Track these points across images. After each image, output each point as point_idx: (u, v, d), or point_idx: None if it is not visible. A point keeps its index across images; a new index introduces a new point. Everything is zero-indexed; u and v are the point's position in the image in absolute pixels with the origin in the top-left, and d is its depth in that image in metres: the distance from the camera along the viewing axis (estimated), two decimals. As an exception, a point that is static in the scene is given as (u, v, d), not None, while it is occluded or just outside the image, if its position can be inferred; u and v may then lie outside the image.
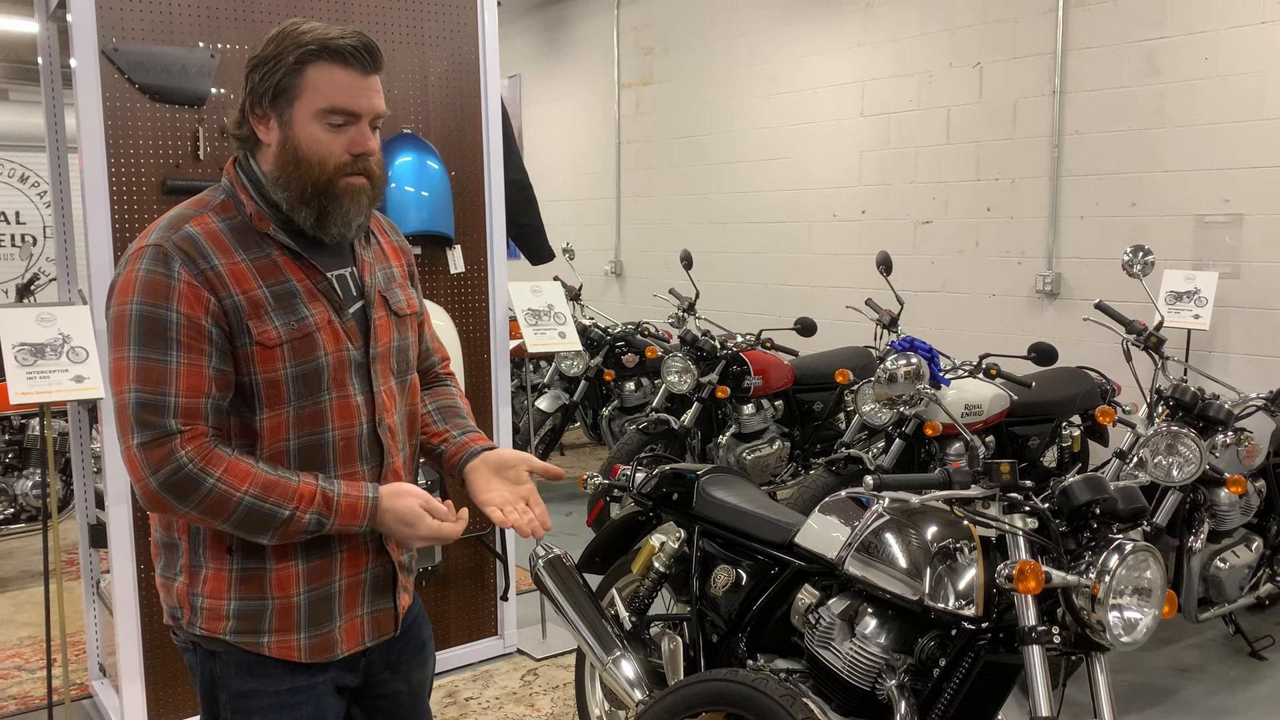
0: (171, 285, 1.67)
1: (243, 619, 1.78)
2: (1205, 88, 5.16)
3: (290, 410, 1.76)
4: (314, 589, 1.81)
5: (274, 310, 1.74)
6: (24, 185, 11.13)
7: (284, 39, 1.75)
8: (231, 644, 1.80)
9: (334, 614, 1.84)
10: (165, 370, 1.66)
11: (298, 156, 1.75)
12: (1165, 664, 4.14)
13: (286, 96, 1.74)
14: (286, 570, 1.78)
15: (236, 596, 1.78)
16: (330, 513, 1.74)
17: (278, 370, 1.74)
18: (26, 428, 5.25)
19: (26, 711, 3.88)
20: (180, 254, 1.69)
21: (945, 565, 2.34)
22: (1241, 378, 5.02)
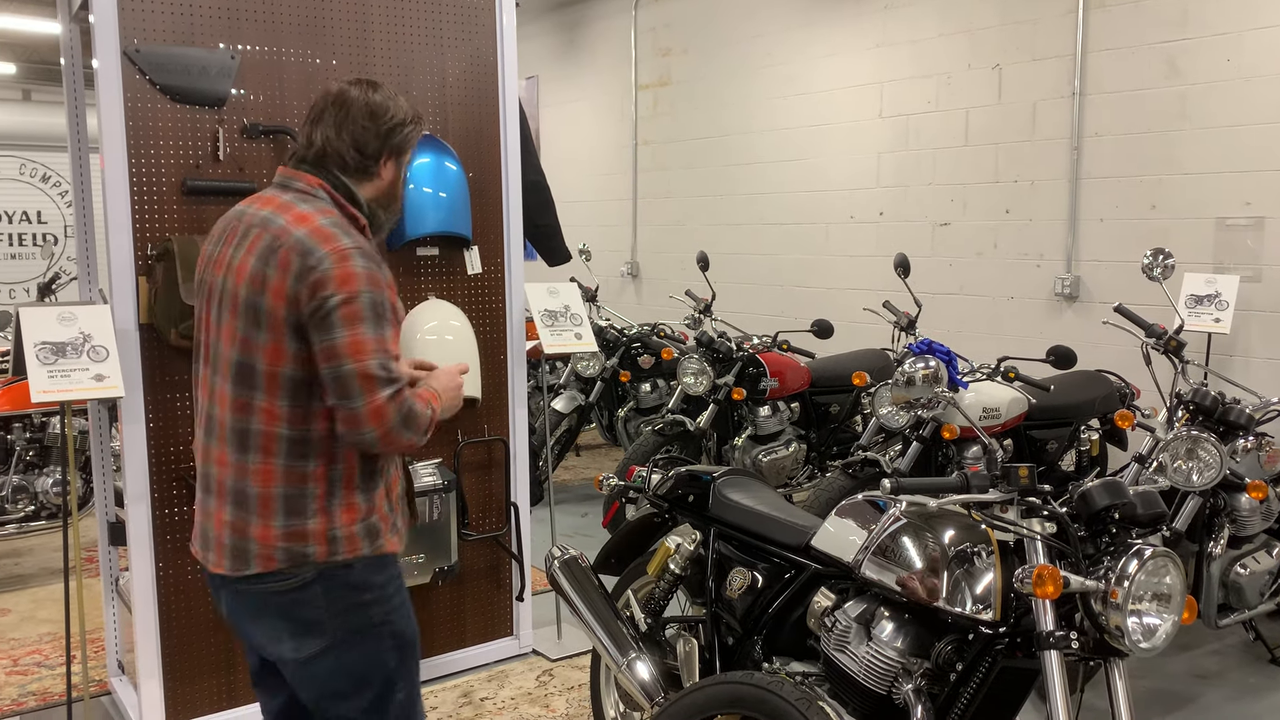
0: (383, 277, 2.16)
1: (370, 533, 2.25)
2: (1226, 89, 5.13)
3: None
4: (392, 499, 2.34)
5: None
6: (46, 185, 11.22)
7: (398, 105, 2.32)
8: (367, 555, 2.24)
9: (398, 515, 2.38)
10: (388, 342, 2.14)
11: (395, 194, 2.35)
12: (1184, 670, 4.11)
13: (403, 150, 2.33)
14: (379, 490, 2.29)
15: (362, 519, 2.24)
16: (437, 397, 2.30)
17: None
18: (47, 426, 5.29)
19: (46, 707, 3.91)
20: (373, 256, 2.17)
21: (963, 569, 2.33)
22: (1262, 382, 4.98)
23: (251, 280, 2.13)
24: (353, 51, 3.71)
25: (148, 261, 3.36)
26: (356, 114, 2.25)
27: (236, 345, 2.15)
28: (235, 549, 2.19)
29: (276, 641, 2.24)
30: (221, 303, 2.20)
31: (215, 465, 2.23)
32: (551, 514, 4.61)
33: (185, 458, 3.47)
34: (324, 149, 2.25)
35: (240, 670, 3.64)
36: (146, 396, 3.39)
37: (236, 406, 2.16)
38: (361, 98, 2.26)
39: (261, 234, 2.16)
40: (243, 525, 2.18)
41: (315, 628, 2.21)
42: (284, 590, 2.19)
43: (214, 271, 2.25)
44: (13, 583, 5.36)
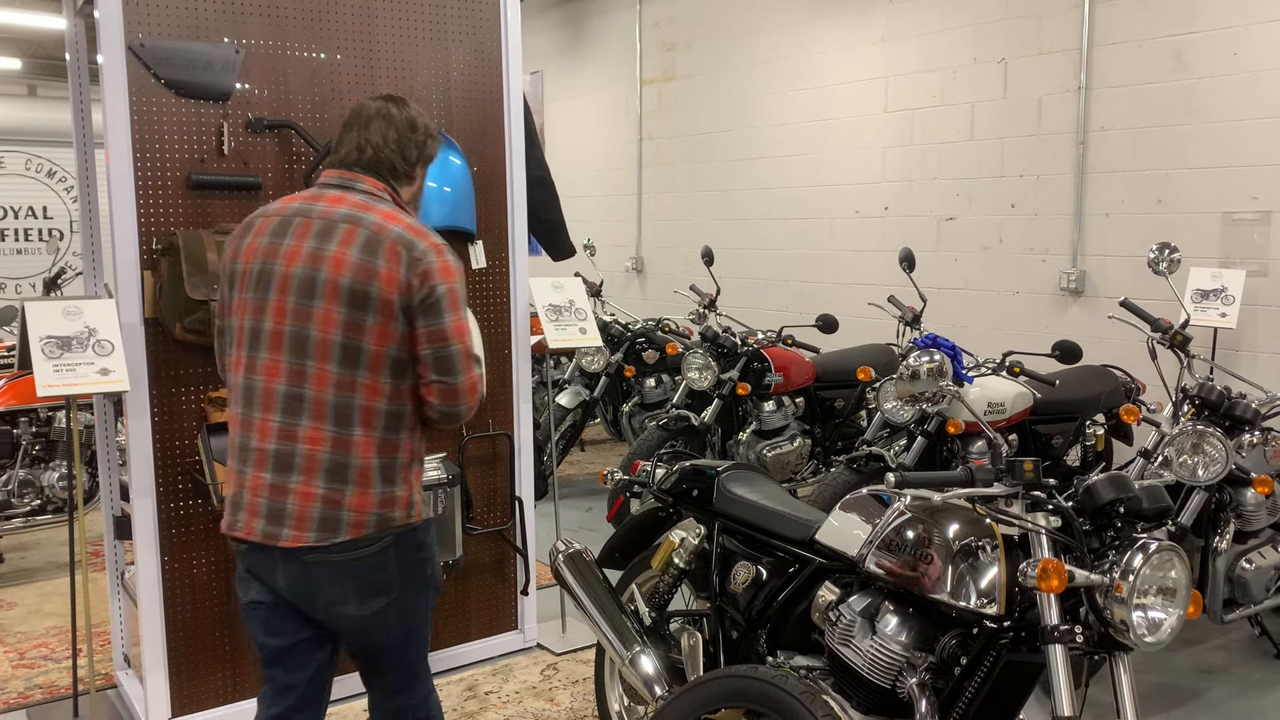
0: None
1: (425, 499, 2.59)
2: (1233, 84, 5.11)
3: None
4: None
5: None
6: (51, 180, 11.24)
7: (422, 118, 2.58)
8: (427, 517, 2.52)
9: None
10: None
11: (418, 200, 2.66)
12: (1189, 665, 4.10)
13: (428, 161, 2.61)
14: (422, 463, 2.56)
15: (423, 486, 2.54)
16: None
17: None
18: (53, 420, 5.30)
19: (52, 701, 3.92)
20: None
21: (967, 563, 2.33)
22: (1269, 377, 4.97)
23: (357, 270, 2.31)
24: (357, 46, 3.71)
25: (153, 256, 3.37)
26: (400, 125, 2.51)
27: (339, 328, 2.31)
28: (325, 519, 2.32)
29: (342, 603, 2.38)
30: (289, 288, 2.34)
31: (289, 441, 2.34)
32: (556, 508, 4.62)
33: (190, 452, 3.48)
34: (376, 155, 2.48)
35: (245, 664, 3.65)
36: (151, 391, 3.40)
37: (340, 384, 2.32)
38: (401, 112, 2.53)
39: (354, 229, 2.34)
40: (337, 496, 2.33)
41: (386, 585, 2.41)
42: (366, 555, 2.37)
43: (271, 260, 2.37)
44: (19, 577, 5.38)
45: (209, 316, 3.25)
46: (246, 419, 2.38)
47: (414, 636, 2.53)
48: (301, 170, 3.63)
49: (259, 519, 2.35)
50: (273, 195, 3.58)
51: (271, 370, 2.35)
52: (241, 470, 2.39)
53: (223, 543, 3.57)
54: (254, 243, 2.41)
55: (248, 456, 2.37)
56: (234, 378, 2.42)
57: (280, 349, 2.34)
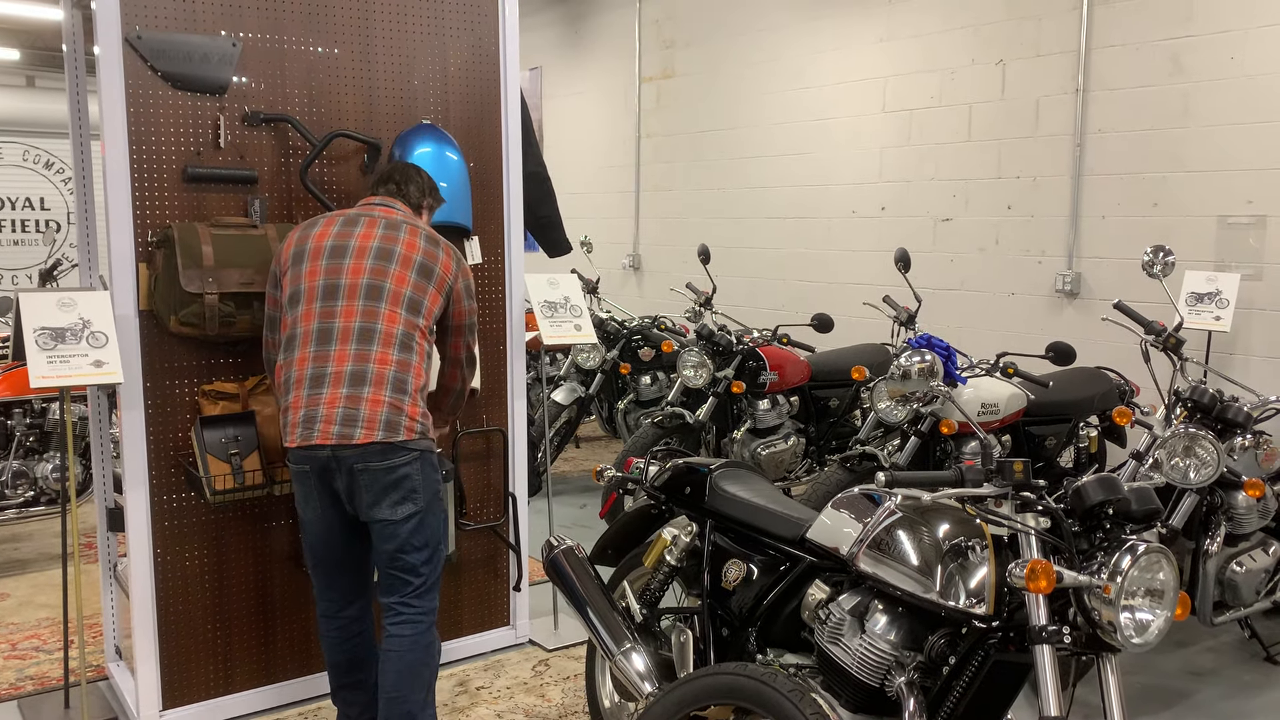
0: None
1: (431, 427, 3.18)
2: (1230, 87, 5.12)
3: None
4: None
5: None
6: (49, 171, 11.22)
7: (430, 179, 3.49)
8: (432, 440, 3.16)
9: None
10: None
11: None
12: (1179, 667, 4.11)
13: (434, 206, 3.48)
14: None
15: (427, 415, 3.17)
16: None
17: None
18: (47, 411, 5.30)
19: (44, 692, 3.92)
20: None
21: (957, 563, 2.33)
22: (1262, 380, 4.98)
23: (426, 253, 3.16)
24: (355, 40, 3.71)
25: (148, 248, 3.37)
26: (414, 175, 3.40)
27: (410, 286, 3.10)
28: (390, 421, 2.99)
29: (377, 506, 3.01)
30: (368, 254, 3.10)
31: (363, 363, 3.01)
32: (550, 505, 4.62)
33: (184, 445, 3.48)
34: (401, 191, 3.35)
35: (236, 657, 3.66)
36: (145, 383, 3.40)
37: (407, 323, 3.08)
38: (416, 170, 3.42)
39: (416, 229, 3.20)
40: (399, 403, 3.01)
41: (412, 494, 3.05)
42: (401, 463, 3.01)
43: (346, 239, 3.12)
44: (12, 568, 5.38)
45: (203, 309, 3.26)
46: (321, 353, 3.01)
47: (428, 547, 3.11)
48: (298, 164, 3.63)
49: (334, 425, 2.95)
50: (269, 189, 3.58)
51: (348, 313, 3.04)
52: (316, 392, 2.98)
53: (215, 535, 3.58)
54: (324, 230, 3.14)
55: (323, 380, 2.99)
56: (303, 327, 3.04)
57: (355, 297, 3.04)
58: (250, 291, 3.32)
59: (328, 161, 3.68)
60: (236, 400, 3.49)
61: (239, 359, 3.56)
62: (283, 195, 3.61)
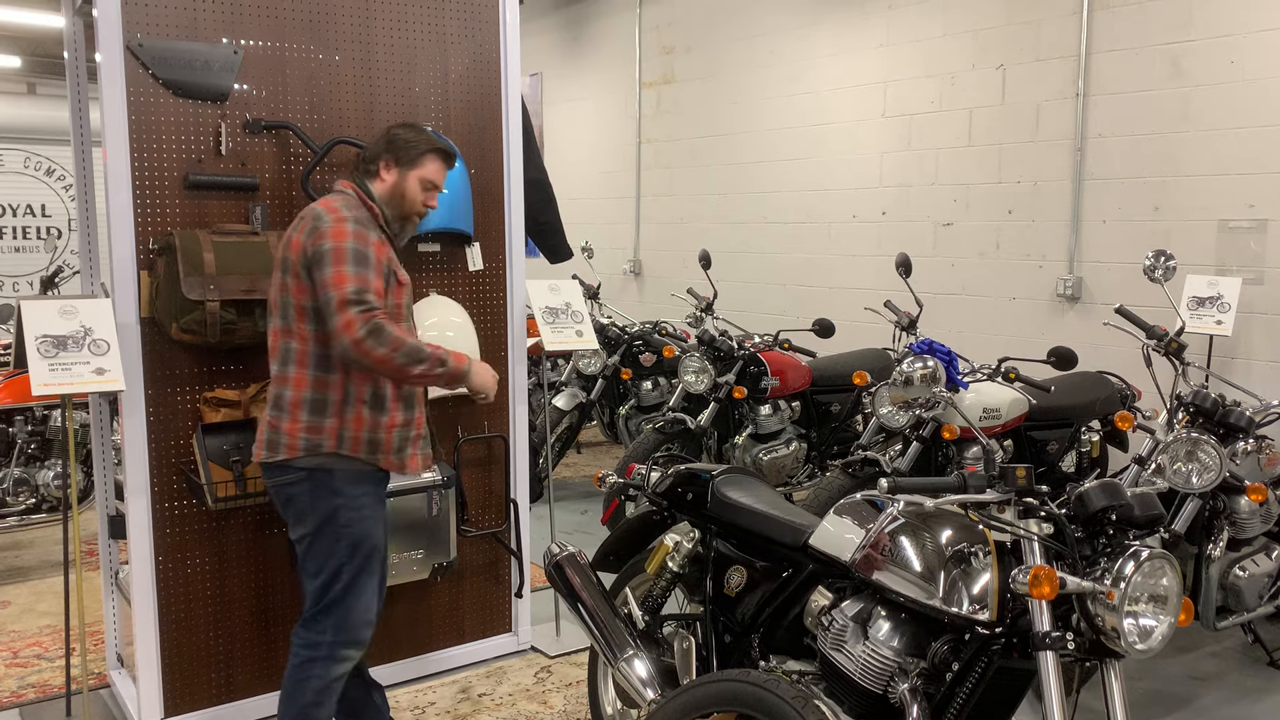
0: (370, 237, 2.89)
1: (370, 446, 2.96)
2: (1230, 92, 5.12)
3: (404, 325, 3.04)
4: (402, 432, 3.03)
5: (398, 267, 3.02)
6: (50, 179, 11.24)
7: (421, 133, 3.07)
8: (360, 458, 2.94)
9: (407, 447, 3.06)
10: (369, 279, 2.82)
11: (402, 196, 3.06)
12: (1182, 672, 4.11)
13: (409, 164, 3.04)
14: (394, 418, 3.00)
15: (368, 430, 2.95)
16: (449, 355, 2.91)
17: (402, 299, 3.04)
18: (49, 419, 5.30)
19: (45, 700, 3.91)
20: (366, 222, 2.94)
21: (960, 569, 2.33)
22: (1264, 384, 4.98)
23: (288, 241, 2.93)
24: (356, 47, 3.71)
25: (149, 256, 3.37)
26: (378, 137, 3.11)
27: (277, 289, 2.95)
28: (269, 440, 2.93)
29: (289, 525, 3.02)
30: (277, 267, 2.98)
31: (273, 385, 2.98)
32: (551, 511, 4.61)
33: (185, 452, 3.48)
34: (356, 161, 3.13)
35: (238, 664, 3.65)
36: (147, 390, 3.40)
37: (282, 333, 2.94)
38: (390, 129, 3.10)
39: (304, 218, 2.94)
40: (275, 422, 2.93)
41: (303, 516, 2.95)
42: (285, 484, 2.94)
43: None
44: (13, 575, 5.37)
45: (205, 316, 3.26)
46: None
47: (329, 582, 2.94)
48: (299, 171, 3.63)
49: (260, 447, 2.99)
50: (270, 196, 3.59)
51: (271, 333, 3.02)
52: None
53: (217, 543, 3.58)
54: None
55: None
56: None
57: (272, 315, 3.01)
58: (252, 299, 3.32)
59: (329, 168, 3.68)
60: (238, 407, 3.49)
61: (240, 366, 3.56)
62: (284, 202, 3.61)
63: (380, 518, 3.05)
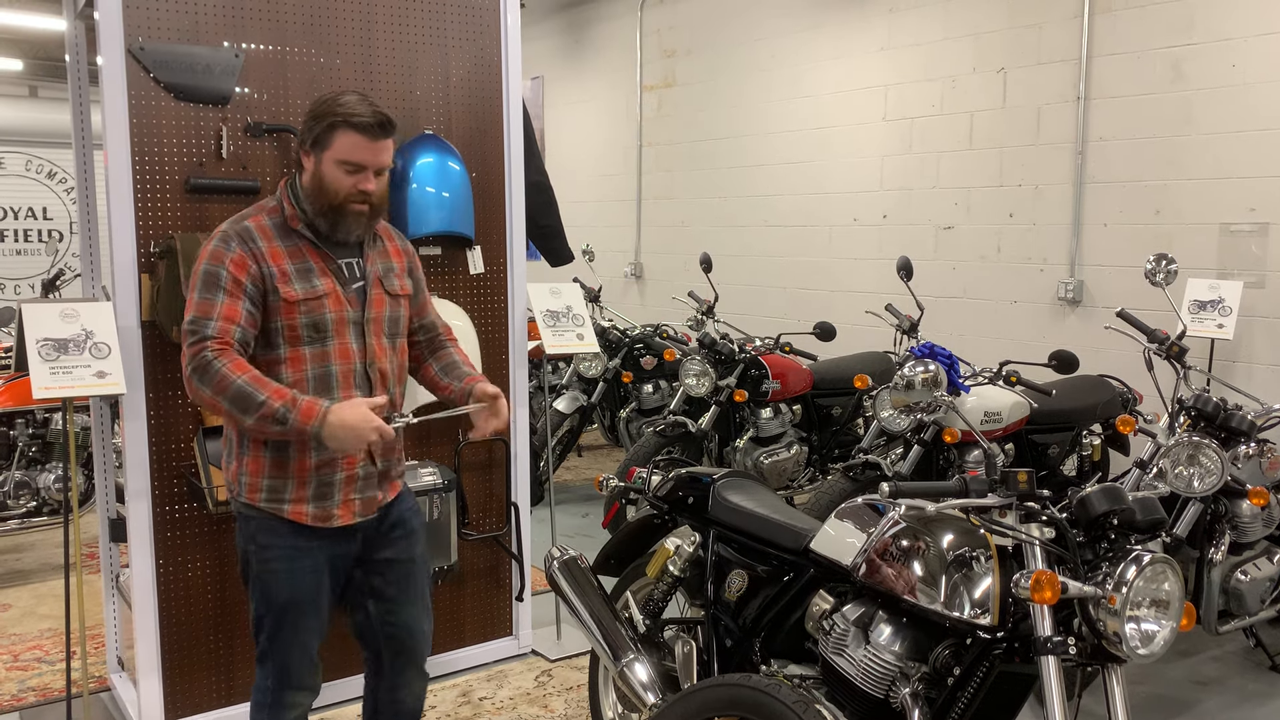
0: (227, 254, 2.51)
1: (272, 491, 2.59)
2: (1231, 95, 5.12)
3: (305, 349, 2.58)
4: (323, 475, 2.60)
5: (295, 279, 2.57)
6: (51, 181, 11.25)
7: (328, 105, 2.54)
8: (263, 509, 2.60)
9: (334, 494, 2.62)
10: (214, 305, 2.48)
11: (321, 185, 2.57)
12: (1184, 676, 4.10)
13: (320, 145, 2.55)
14: (305, 459, 2.58)
15: (268, 475, 2.58)
16: (294, 408, 2.43)
17: (295, 318, 2.56)
18: (50, 422, 5.30)
19: (46, 703, 3.91)
20: (236, 237, 2.54)
21: (961, 574, 2.33)
22: (1265, 388, 4.97)
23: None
24: (356, 50, 3.72)
25: (151, 259, 3.37)
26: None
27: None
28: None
29: None
30: None
31: None
32: (552, 514, 4.61)
33: (186, 456, 3.48)
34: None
35: (239, 668, 3.65)
36: (148, 394, 3.40)
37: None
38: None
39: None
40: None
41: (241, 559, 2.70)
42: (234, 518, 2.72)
43: None
44: (14, 578, 5.37)
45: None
46: None
47: (259, 626, 2.68)
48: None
49: None
50: (271, 199, 3.58)
51: None
52: None
53: (218, 546, 3.57)
54: None
55: None
56: None
57: None
58: (252, 302, 3.31)
59: (330, 172, 3.67)
60: (239, 411, 3.48)
61: (241, 369, 3.55)
62: (285, 205, 3.61)
63: (301, 575, 2.63)
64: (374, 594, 2.79)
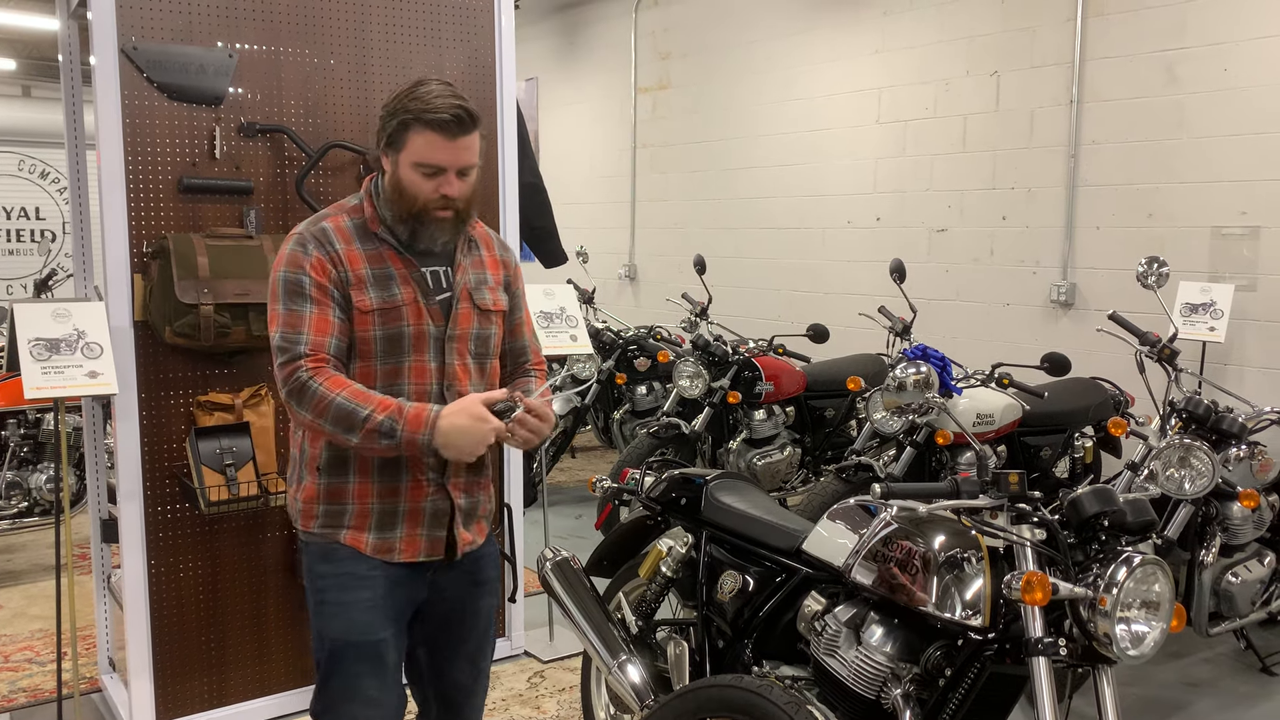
0: (305, 259, 2.28)
1: (328, 518, 2.36)
2: (1224, 99, 5.14)
3: (377, 364, 2.33)
4: (385, 503, 2.36)
5: (371, 286, 2.31)
6: (44, 181, 11.22)
7: (401, 100, 2.29)
8: (318, 535, 2.37)
9: (397, 525, 2.37)
10: (303, 316, 2.26)
11: (400, 189, 2.31)
12: (1175, 678, 4.11)
13: (395, 146, 2.30)
14: (365, 484, 2.35)
15: (324, 501, 2.36)
16: (401, 418, 2.20)
17: (368, 330, 2.31)
18: (41, 422, 5.29)
19: (37, 704, 3.90)
20: (313, 239, 2.31)
21: (952, 575, 2.33)
22: (1256, 391, 4.99)
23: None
24: (350, 51, 3.71)
25: (143, 259, 3.37)
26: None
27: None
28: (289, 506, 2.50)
29: None
30: None
31: None
32: (545, 516, 4.61)
33: (178, 456, 3.47)
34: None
35: (231, 669, 3.64)
36: (140, 394, 3.39)
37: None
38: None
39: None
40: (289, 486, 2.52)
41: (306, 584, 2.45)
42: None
43: None
44: (5, 579, 5.36)
45: (198, 320, 3.25)
46: None
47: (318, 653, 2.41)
48: (294, 175, 3.63)
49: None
50: (264, 200, 3.58)
51: None
52: None
53: (210, 547, 3.57)
54: None
55: None
56: None
57: None
58: (245, 303, 3.31)
59: (323, 172, 3.68)
60: (231, 411, 3.48)
61: (234, 370, 3.55)
62: (278, 206, 3.61)
63: (356, 609, 2.34)
64: (428, 643, 2.51)
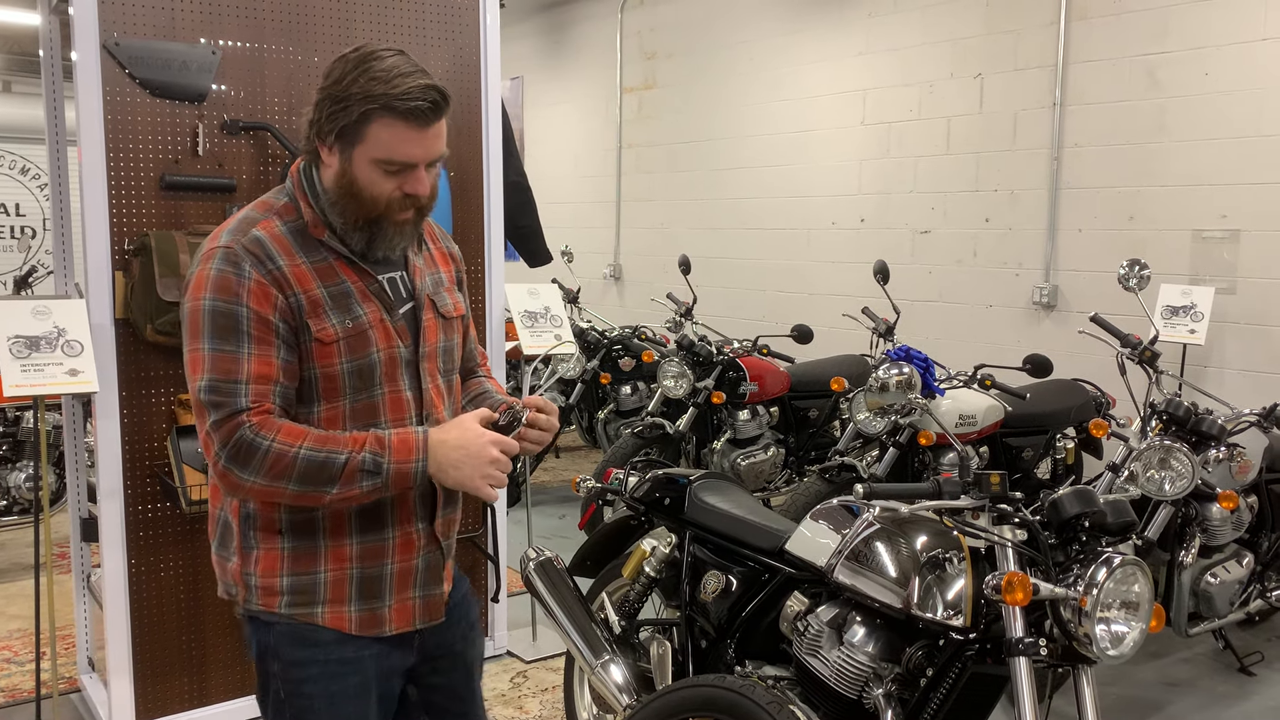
0: (241, 284, 1.77)
1: (296, 593, 1.88)
2: (1205, 103, 5.17)
3: (346, 403, 1.87)
4: (367, 567, 1.91)
5: (331, 309, 1.84)
6: (24, 177, 11.13)
7: (354, 80, 1.79)
8: (286, 616, 1.89)
9: (385, 592, 1.93)
10: (238, 360, 1.77)
11: (354, 191, 1.83)
12: (1154, 678, 4.14)
13: (348, 139, 1.82)
14: (341, 546, 1.89)
15: (289, 573, 1.88)
16: (384, 450, 1.79)
17: (334, 365, 1.85)
18: (20, 420, 5.25)
19: (15, 704, 3.87)
20: (248, 256, 1.79)
21: (934, 575, 2.34)
22: (1236, 393, 5.03)
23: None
24: (335, 48, 3.69)
25: (125, 256, 3.34)
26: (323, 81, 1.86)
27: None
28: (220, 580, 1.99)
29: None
30: None
31: None
32: (529, 515, 4.60)
33: (159, 455, 3.45)
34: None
35: (211, 669, 3.62)
36: (121, 392, 3.37)
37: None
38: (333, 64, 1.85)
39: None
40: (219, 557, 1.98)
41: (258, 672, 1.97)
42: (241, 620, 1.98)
43: None
44: (-17, 578, 5.32)
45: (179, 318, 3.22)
46: None
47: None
48: (277, 173, 3.61)
49: None
50: (247, 198, 3.56)
51: None
52: None
53: (190, 546, 3.55)
54: None
55: None
56: None
57: None
58: (228, 300, 3.28)
59: (307, 170, 3.66)
60: (213, 410, 3.45)
61: (216, 368, 3.53)
62: (261, 204, 3.59)
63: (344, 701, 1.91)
64: (429, 709, 2.11)
